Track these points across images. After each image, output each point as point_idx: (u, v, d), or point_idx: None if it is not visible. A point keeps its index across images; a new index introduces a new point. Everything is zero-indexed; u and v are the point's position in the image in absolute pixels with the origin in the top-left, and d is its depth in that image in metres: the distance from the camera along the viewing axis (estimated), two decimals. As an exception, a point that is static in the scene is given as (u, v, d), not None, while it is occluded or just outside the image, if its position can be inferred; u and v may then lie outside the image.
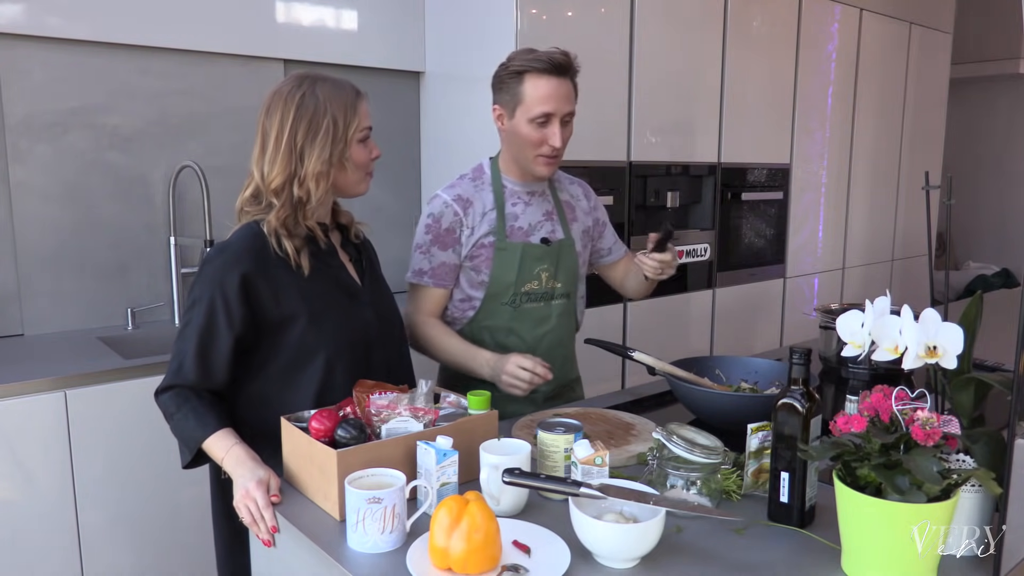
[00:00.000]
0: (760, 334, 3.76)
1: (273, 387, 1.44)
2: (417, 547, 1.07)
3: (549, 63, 1.62)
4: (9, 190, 2.28)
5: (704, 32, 3.21)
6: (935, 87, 4.70)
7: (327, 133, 1.39)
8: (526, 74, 1.63)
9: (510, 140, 1.72)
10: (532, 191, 1.80)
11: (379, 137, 2.94)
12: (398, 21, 2.92)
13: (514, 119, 1.67)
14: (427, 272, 1.75)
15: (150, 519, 2.07)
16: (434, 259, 1.74)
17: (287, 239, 1.40)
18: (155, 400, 1.39)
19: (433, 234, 1.73)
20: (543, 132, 1.66)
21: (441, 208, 1.74)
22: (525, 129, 1.66)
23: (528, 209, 1.78)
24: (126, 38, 2.38)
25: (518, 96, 1.64)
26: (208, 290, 1.35)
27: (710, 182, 3.36)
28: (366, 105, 1.46)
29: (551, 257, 1.78)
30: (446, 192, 1.77)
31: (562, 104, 1.65)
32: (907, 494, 0.94)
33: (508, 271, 1.74)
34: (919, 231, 4.76)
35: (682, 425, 1.27)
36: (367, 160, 1.48)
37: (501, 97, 1.69)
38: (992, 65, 5.19)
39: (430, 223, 1.74)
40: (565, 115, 1.66)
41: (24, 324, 2.34)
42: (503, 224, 1.74)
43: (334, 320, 1.45)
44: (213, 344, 1.36)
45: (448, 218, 1.73)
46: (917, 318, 1.07)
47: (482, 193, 1.77)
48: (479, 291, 1.76)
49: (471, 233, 1.73)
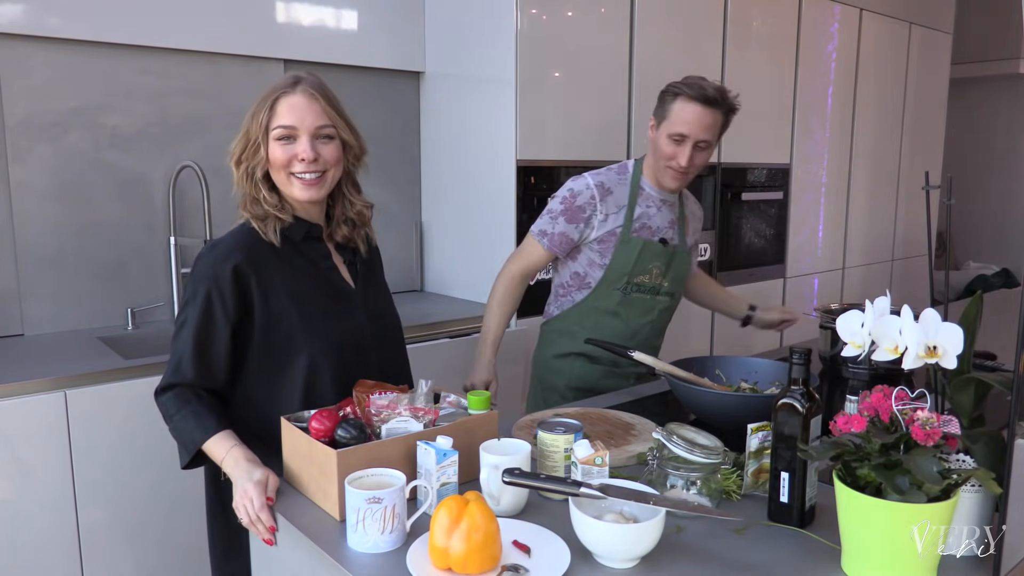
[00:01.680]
0: (760, 334, 3.75)
1: (258, 388, 1.43)
2: (417, 547, 1.07)
3: (699, 92, 1.84)
4: (9, 190, 2.28)
5: (704, 32, 3.21)
6: (935, 87, 4.70)
7: (244, 127, 1.40)
8: (679, 96, 1.86)
9: (653, 148, 1.94)
10: (664, 199, 2.00)
11: (379, 137, 2.97)
12: (398, 21, 2.92)
13: (658, 131, 1.90)
14: (547, 235, 1.95)
15: (150, 519, 2.07)
16: (557, 227, 1.94)
17: (264, 223, 1.41)
18: (155, 400, 1.38)
19: (566, 206, 1.94)
20: (675, 149, 1.87)
21: (582, 187, 1.94)
22: (662, 142, 1.89)
23: (657, 213, 1.99)
24: (126, 38, 2.38)
25: (666, 112, 1.88)
26: (203, 285, 1.35)
27: (710, 182, 3.36)
28: (295, 101, 1.37)
29: (665, 257, 2.00)
30: (592, 176, 1.96)
31: (698, 131, 1.85)
32: (907, 494, 0.94)
33: (626, 261, 1.95)
34: (919, 231, 4.75)
35: (682, 425, 1.27)
36: (284, 160, 1.38)
37: (657, 110, 1.92)
38: (992, 65, 5.19)
39: (567, 196, 1.95)
40: (700, 141, 1.86)
41: (24, 324, 2.34)
42: (630, 220, 1.95)
43: (323, 322, 1.43)
44: (211, 339, 1.36)
45: (584, 198, 1.93)
46: (917, 318, 1.07)
47: (622, 188, 1.96)
48: (597, 272, 1.97)
49: (604, 219, 1.94)
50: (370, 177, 2.96)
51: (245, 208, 1.43)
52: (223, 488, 1.43)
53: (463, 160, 2.90)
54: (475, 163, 2.83)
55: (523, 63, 2.60)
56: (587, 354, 2.00)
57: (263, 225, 1.41)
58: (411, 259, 3.10)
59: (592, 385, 2.02)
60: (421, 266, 3.12)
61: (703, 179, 3.35)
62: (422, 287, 3.13)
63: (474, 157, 2.84)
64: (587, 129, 2.82)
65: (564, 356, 2.03)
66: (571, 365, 2.02)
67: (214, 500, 1.51)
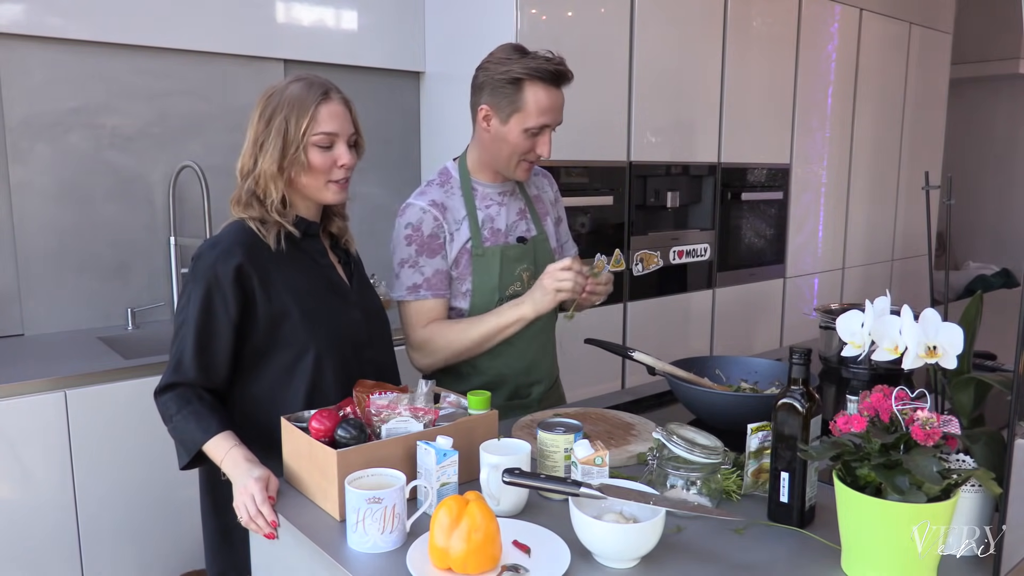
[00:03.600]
0: (760, 334, 3.76)
1: (264, 386, 1.43)
2: (417, 547, 1.07)
3: (553, 74, 1.58)
4: (9, 190, 2.28)
5: (704, 32, 3.21)
6: (935, 87, 4.70)
7: (278, 133, 1.37)
8: (526, 82, 1.57)
9: (492, 143, 1.65)
10: (503, 191, 1.74)
11: (379, 137, 2.97)
12: (398, 21, 2.92)
13: (507, 125, 1.61)
14: (422, 285, 1.64)
15: (150, 519, 2.07)
16: (426, 269, 1.64)
17: (263, 226, 1.41)
18: (155, 400, 1.38)
19: (417, 244, 1.64)
20: (534, 141, 1.62)
21: (419, 215, 1.64)
22: (516, 136, 1.61)
23: (502, 210, 1.72)
24: (126, 38, 2.38)
25: (516, 103, 1.58)
26: (202, 283, 1.34)
27: (710, 182, 3.36)
28: (335, 108, 1.41)
29: (529, 256, 1.73)
30: (418, 199, 1.67)
31: (558, 115, 1.62)
32: (907, 494, 0.94)
33: (489, 277, 1.67)
34: (919, 231, 4.76)
35: (682, 425, 1.27)
36: (326, 167, 1.41)
37: (493, 100, 1.61)
38: (992, 65, 5.19)
39: (410, 233, 1.64)
40: (557, 123, 1.64)
41: (24, 324, 2.34)
42: (477, 230, 1.67)
43: (325, 317, 1.44)
44: (212, 338, 1.35)
45: (429, 224, 1.64)
46: (917, 318, 1.07)
47: (453, 199, 1.68)
48: (464, 302, 1.69)
49: (451, 240, 1.65)
50: (370, 177, 2.98)
51: (244, 209, 1.42)
52: (216, 483, 1.43)
53: (463, 160, 2.90)
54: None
55: (523, 63, 2.60)
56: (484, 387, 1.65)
57: (263, 228, 1.41)
58: (411, 259, 3.09)
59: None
60: (421, 266, 3.11)
61: (703, 179, 3.35)
62: (422, 287, 3.12)
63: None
64: (587, 129, 2.82)
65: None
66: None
67: (207, 494, 1.50)
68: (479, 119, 1.66)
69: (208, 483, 1.48)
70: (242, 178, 1.42)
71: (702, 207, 3.39)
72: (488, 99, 1.62)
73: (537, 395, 1.80)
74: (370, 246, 2.96)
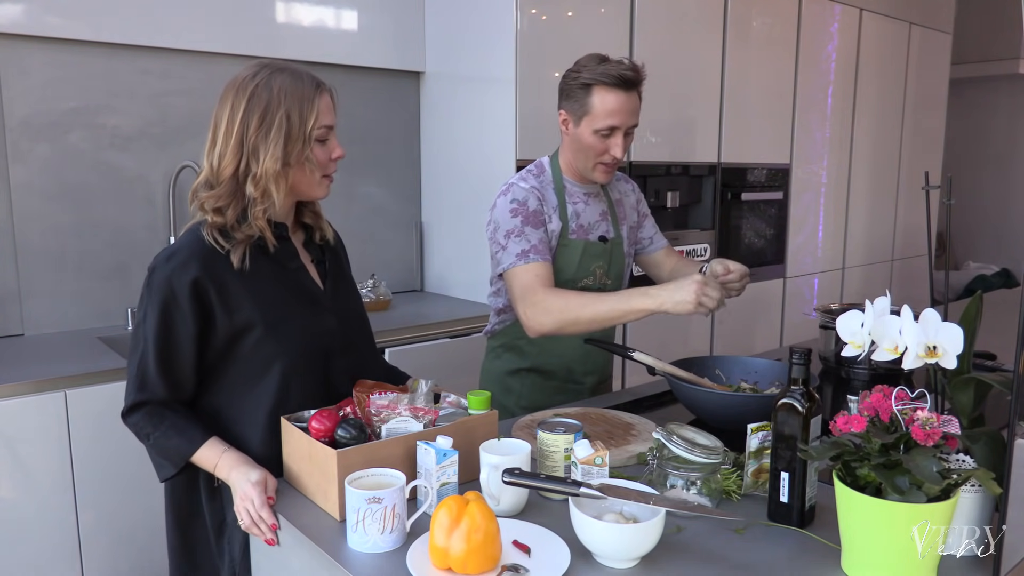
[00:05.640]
0: (760, 334, 3.76)
1: (224, 400, 1.35)
2: (417, 547, 1.07)
3: (619, 78, 1.66)
4: (9, 190, 2.28)
5: (704, 32, 3.21)
6: (935, 87, 4.70)
7: (280, 129, 1.28)
8: (594, 87, 1.67)
9: (573, 145, 1.76)
10: (589, 192, 1.84)
11: (379, 137, 2.97)
12: (398, 21, 2.92)
13: (579, 127, 1.71)
14: (530, 250, 1.69)
15: (150, 519, 2.07)
16: (532, 237, 1.71)
17: (229, 236, 1.30)
18: (124, 421, 1.32)
19: (522, 216, 1.72)
20: (606, 142, 1.71)
21: (525, 193, 1.74)
22: (589, 138, 1.71)
23: (587, 209, 1.83)
24: (126, 38, 2.38)
25: (585, 106, 1.69)
26: (158, 298, 1.26)
27: (710, 182, 3.36)
28: (328, 100, 1.34)
29: (606, 255, 1.84)
30: (521, 181, 1.78)
31: (627, 118, 1.69)
32: (907, 494, 0.94)
33: (569, 266, 1.78)
34: (919, 231, 4.76)
35: (682, 425, 1.27)
36: (326, 161, 1.36)
37: (568, 104, 1.73)
38: (992, 65, 5.19)
39: (515, 207, 1.73)
40: (629, 128, 1.71)
41: (24, 324, 2.35)
42: (567, 221, 1.78)
43: (292, 329, 1.35)
44: (175, 353, 1.28)
45: (533, 202, 1.74)
46: (917, 318, 1.07)
47: (548, 190, 1.79)
48: None
49: (549, 222, 1.76)
50: (370, 177, 2.98)
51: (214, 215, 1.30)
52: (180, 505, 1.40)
53: (463, 160, 2.90)
54: (475, 163, 2.83)
55: (523, 63, 2.60)
56: (537, 368, 1.87)
57: (224, 241, 1.30)
58: (411, 259, 3.10)
59: (542, 403, 1.85)
60: (421, 266, 3.12)
61: (703, 179, 3.35)
62: (422, 287, 3.12)
63: (474, 157, 2.84)
64: (587, 129, 2.82)
65: (514, 373, 1.89)
66: (522, 383, 1.88)
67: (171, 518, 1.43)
68: (560, 123, 1.78)
69: (172, 499, 1.42)
70: (221, 182, 1.30)
71: (702, 207, 3.38)
72: (565, 104, 1.75)
73: (590, 384, 1.93)
74: (370, 246, 2.96)
